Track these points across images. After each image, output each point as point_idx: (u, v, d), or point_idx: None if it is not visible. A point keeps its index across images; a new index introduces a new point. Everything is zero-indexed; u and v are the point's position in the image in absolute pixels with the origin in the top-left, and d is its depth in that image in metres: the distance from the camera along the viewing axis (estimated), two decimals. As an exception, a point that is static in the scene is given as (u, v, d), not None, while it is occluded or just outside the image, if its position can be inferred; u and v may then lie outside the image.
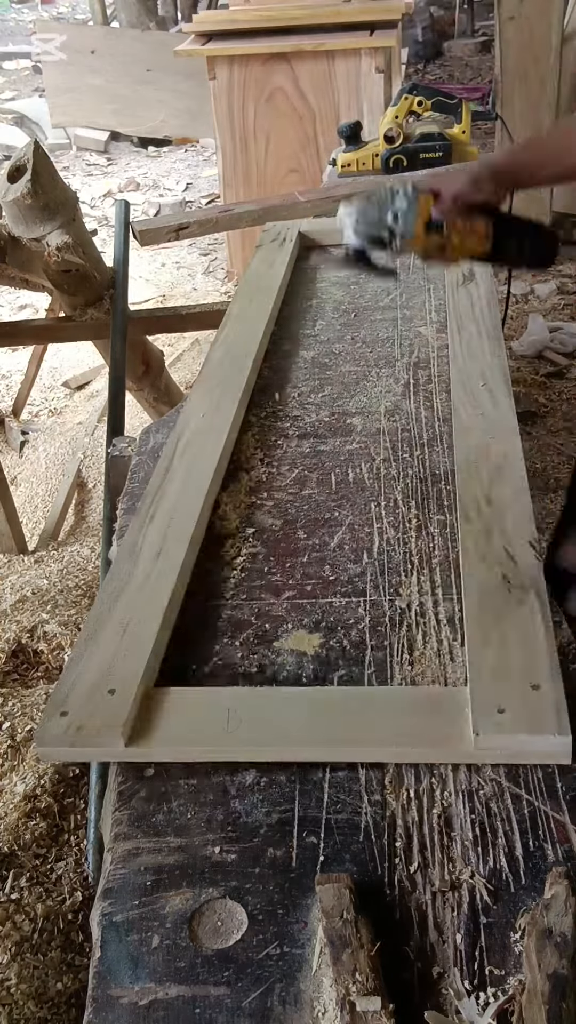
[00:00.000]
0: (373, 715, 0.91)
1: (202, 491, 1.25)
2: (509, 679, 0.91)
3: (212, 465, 1.30)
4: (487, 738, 0.86)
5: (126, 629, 1.02)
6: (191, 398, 1.50)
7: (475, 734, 0.86)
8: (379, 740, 0.88)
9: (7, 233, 2.30)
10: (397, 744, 0.88)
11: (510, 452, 1.26)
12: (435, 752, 0.88)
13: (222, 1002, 0.72)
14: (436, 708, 0.91)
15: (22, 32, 10.95)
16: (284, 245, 2.03)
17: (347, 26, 3.75)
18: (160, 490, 1.25)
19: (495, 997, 0.71)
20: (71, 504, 3.12)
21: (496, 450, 1.27)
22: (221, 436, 1.37)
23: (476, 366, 1.48)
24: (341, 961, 0.70)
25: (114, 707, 0.92)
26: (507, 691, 0.89)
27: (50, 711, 0.93)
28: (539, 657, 0.93)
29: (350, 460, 1.36)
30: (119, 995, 0.73)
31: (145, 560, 1.12)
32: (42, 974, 1.34)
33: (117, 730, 0.89)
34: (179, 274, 4.84)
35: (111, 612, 1.05)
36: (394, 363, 1.60)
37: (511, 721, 0.86)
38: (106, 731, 0.90)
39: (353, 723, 0.90)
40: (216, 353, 1.64)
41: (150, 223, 2.28)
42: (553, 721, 0.86)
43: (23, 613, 2.28)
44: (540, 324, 3.56)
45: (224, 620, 1.09)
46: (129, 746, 0.90)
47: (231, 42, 3.76)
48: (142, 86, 6.59)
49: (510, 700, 0.88)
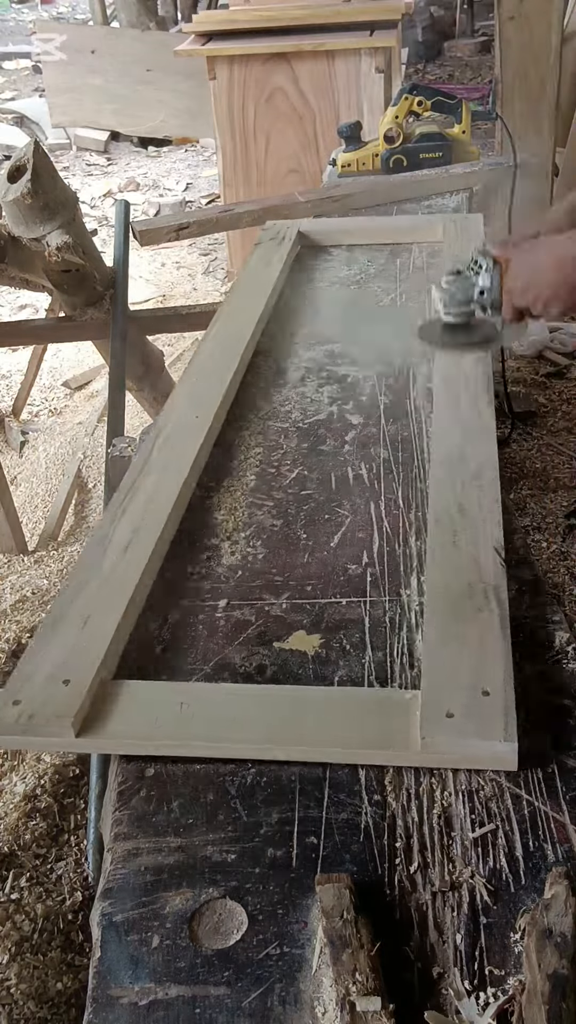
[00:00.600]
0: (322, 715, 0.91)
1: (177, 485, 1.25)
2: (461, 684, 0.91)
3: (190, 460, 1.30)
4: (433, 741, 0.86)
5: (87, 621, 1.02)
6: (174, 394, 1.50)
7: (422, 737, 0.87)
8: (327, 740, 0.89)
9: (7, 233, 2.30)
10: (344, 745, 0.88)
11: (486, 459, 1.26)
12: (381, 754, 0.88)
13: (222, 1002, 0.72)
14: (386, 710, 0.91)
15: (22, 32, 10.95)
16: (283, 244, 2.03)
17: (347, 26, 3.75)
18: (135, 484, 1.26)
19: (495, 997, 0.71)
20: (71, 504, 3.12)
21: (472, 456, 1.27)
22: (202, 432, 1.37)
23: (459, 371, 1.48)
24: (341, 961, 0.70)
25: (67, 697, 0.92)
26: (457, 695, 0.90)
27: (4, 699, 0.93)
28: (493, 663, 0.93)
29: (350, 460, 1.36)
30: (119, 995, 0.73)
31: (113, 553, 1.13)
32: (42, 974, 1.34)
33: (68, 720, 0.90)
34: (179, 274, 4.84)
35: (73, 603, 1.06)
36: (394, 363, 1.60)
37: (458, 725, 0.87)
38: (57, 721, 0.90)
39: (303, 722, 0.91)
40: (204, 349, 1.64)
41: (150, 223, 2.28)
42: (500, 727, 0.86)
43: (23, 613, 2.28)
44: (540, 324, 3.55)
45: (224, 620, 1.09)
46: (80, 737, 0.90)
47: (231, 42, 3.76)
48: (142, 86, 6.59)
49: (459, 704, 0.89)
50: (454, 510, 1.17)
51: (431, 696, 0.90)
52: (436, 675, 0.93)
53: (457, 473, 1.24)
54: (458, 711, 0.88)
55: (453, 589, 1.04)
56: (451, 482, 1.22)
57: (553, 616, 1.06)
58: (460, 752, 0.87)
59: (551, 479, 2.88)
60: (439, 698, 0.90)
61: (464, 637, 0.97)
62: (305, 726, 0.90)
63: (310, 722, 0.91)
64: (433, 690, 0.91)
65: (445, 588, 1.04)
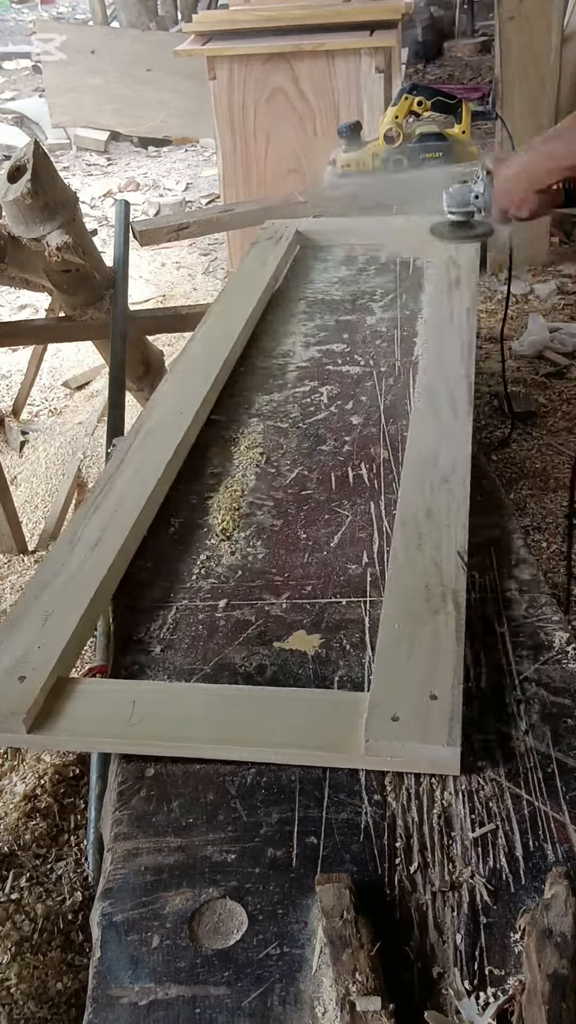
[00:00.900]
0: (271, 716, 0.92)
1: (151, 483, 1.25)
2: (409, 687, 0.91)
3: (166, 458, 1.30)
4: (377, 744, 0.86)
5: (48, 618, 1.03)
6: (157, 393, 1.50)
7: (366, 740, 0.87)
8: (273, 741, 0.89)
9: (7, 233, 2.30)
10: (289, 746, 0.89)
11: (458, 462, 1.26)
12: (325, 756, 0.88)
13: (222, 1002, 0.72)
14: (334, 711, 0.91)
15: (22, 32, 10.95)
16: (280, 243, 2.03)
17: (347, 26, 3.75)
18: (110, 481, 1.26)
19: (495, 997, 0.71)
20: (71, 504, 3.12)
21: (444, 460, 1.26)
22: (180, 430, 1.37)
23: (442, 374, 1.48)
24: (341, 961, 0.70)
25: (21, 694, 0.94)
26: (405, 699, 0.90)
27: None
28: (443, 668, 0.93)
29: (350, 460, 1.36)
30: (119, 995, 0.73)
31: (81, 550, 1.13)
32: (42, 974, 1.34)
33: (20, 716, 0.91)
34: (179, 274, 4.84)
35: (37, 600, 1.06)
36: (393, 362, 1.60)
37: (403, 729, 0.87)
38: (10, 717, 0.92)
39: (250, 722, 0.91)
40: (191, 348, 1.63)
41: (150, 223, 2.28)
42: (444, 732, 0.86)
43: (23, 613, 2.28)
44: (540, 324, 3.55)
45: (224, 620, 1.08)
46: (32, 733, 0.92)
47: (231, 42, 3.76)
48: (142, 86, 6.59)
49: (406, 708, 0.89)
50: (421, 514, 1.16)
51: (379, 698, 0.90)
52: (386, 677, 0.93)
53: (427, 476, 1.23)
54: (404, 714, 0.88)
55: (411, 591, 1.04)
56: (420, 485, 1.22)
57: (553, 616, 1.06)
58: (404, 755, 0.86)
59: (551, 479, 2.88)
60: (386, 701, 0.90)
61: (418, 640, 0.97)
62: (253, 726, 0.91)
63: (258, 722, 0.91)
64: (381, 692, 0.91)
65: (403, 590, 1.04)
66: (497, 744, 0.90)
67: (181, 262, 4.96)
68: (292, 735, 0.89)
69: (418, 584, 1.04)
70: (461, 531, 1.13)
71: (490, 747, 0.90)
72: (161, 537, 1.23)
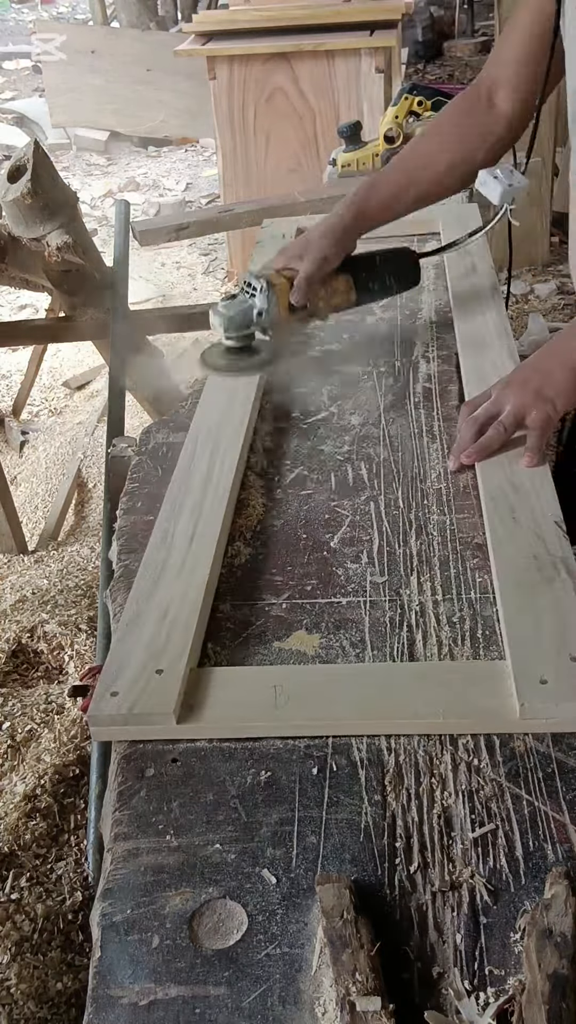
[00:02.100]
0: (415, 689, 0.94)
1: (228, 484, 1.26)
2: (547, 651, 0.94)
3: (235, 458, 1.31)
4: (533, 707, 0.89)
5: (167, 613, 1.04)
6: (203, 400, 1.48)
7: (520, 704, 0.89)
8: (425, 713, 0.91)
9: (7, 233, 2.30)
10: (445, 715, 0.91)
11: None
12: (482, 722, 0.91)
13: (222, 1002, 0.72)
14: (477, 681, 0.94)
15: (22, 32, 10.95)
16: (284, 241, 2.02)
17: (347, 26, 3.75)
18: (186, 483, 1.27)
19: (495, 997, 0.71)
20: (71, 504, 3.12)
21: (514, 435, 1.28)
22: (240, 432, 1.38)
23: (487, 357, 1.50)
24: (341, 961, 0.70)
25: (163, 686, 0.94)
26: (547, 662, 0.92)
27: (100, 692, 0.95)
28: (574, 630, 0.96)
29: (350, 460, 1.36)
30: (119, 995, 0.73)
31: (178, 548, 1.15)
32: (42, 974, 1.34)
33: (169, 708, 0.92)
34: (179, 274, 4.84)
35: (151, 596, 1.07)
36: (393, 362, 1.60)
37: (554, 691, 0.90)
38: (158, 709, 0.92)
39: (401, 696, 0.93)
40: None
41: (150, 223, 2.28)
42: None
43: (23, 613, 2.28)
44: (540, 324, 3.56)
45: (224, 620, 1.09)
46: (181, 723, 0.92)
47: (231, 42, 3.76)
48: (142, 86, 6.59)
49: (550, 671, 0.91)
50: (508, 487, 1.19)
51: (521, 665, 0.93)
52: (522, 644, 0.95)
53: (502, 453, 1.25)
54: (551, 677, 0.90)
55: (519, 563, 1.07)
56: (498, 461, 1.24)
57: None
58: (559, 716, 0.89)
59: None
60: (530, 666, 0.92)
61: (540, 608, 1.00)
62: (405, 700, 0.92)
63: (410, 695, 0.93)
64: (523, 658, 0.93)
65: (511, 563, 1.07)
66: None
67: (181, 262, 4.96)
68: (448, 705, 0.91)
69: (525, 556, 1.07)
70: (552, 500, 1.16)
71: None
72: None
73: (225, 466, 1.31)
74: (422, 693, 0.93)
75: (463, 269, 1.81)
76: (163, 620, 1.03)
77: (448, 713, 0.91)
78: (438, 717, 0.90)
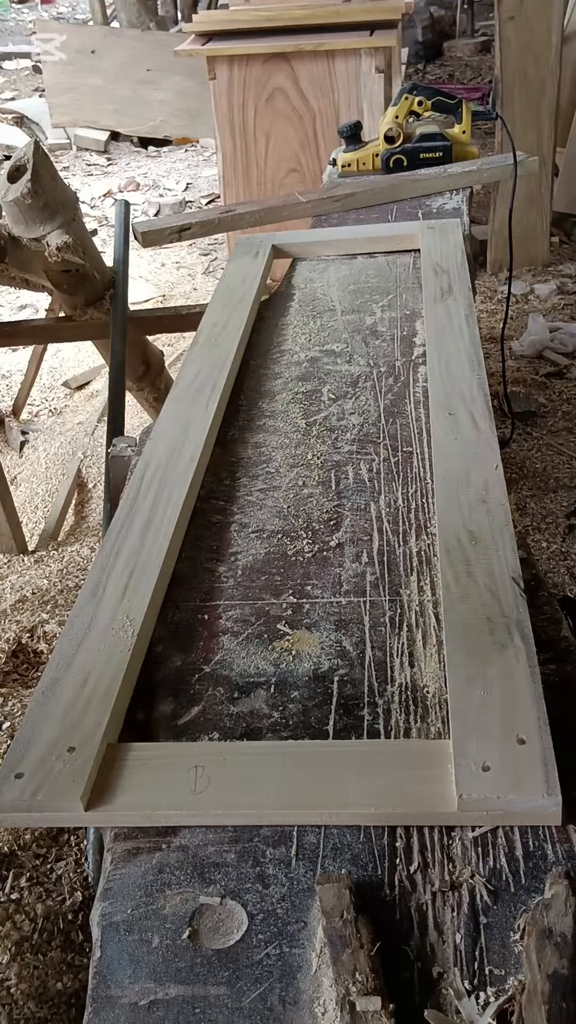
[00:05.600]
0: (349, 774, 0.85)
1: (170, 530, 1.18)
2: (494, 732, 0.85)
3: (181, 498, 1.24)
4: (471, 799, 0.80)
5: (86, 680, 0.95)
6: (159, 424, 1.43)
7: (458, 795, 0.81)
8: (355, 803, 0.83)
9: (7, 233, 2.30)
10: (376, 807, 0.82)
11: (492, 481, 1.20)
12: (416, 815, 0.82)
13: (222, 1002, 0.72)
14: (415, 765, 0.85)
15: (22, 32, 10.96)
16: (257, 258, 1.98)
17: (347, 26, 3.75)
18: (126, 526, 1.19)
19: (495, 997, 0.71)
20: (71, 504, 3.12)
21: (477, 479, 1.21)
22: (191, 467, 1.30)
23: (455, 387, 1.42)
24: (341, 961, 0.70)
25: (73, 767, 0.86)
26: (492, 744, 0.84)
27: (4, 773, 0.86)
28: (524, 707, 0.87)
29: (350, 460, 1.36)
30: (119, 995, 0.73)
31: (108, 603, 1.06)
32: (42, 974, 1.34)
33: (76, 794, 0.83)
34: (179, 274, 4.85)
35: (72, 662, 0.98)
36: (394, 362, 1.60)
37: (496, 780, 0.81)
38: (64, 795, 0.84)
39: (328, 781, 0.84)
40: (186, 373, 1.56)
41: (152, 224, 2.28)
42: (541, 780, 0.80)
43: (23, 613, 2.29)
44: (540, 324, 3.56)
45: (224, 620, 1.09)
46: (90, 811, 0.84)
47: (231, 42, 3.76)
48: (142, 86, 6.60)
49: (494, 755, 0.83)
50: (465, 539, 1.10)
51: (463, 747, 0.83)
52: (466, 722, 0.86)
53: (462, 496, 1.17)
54: (494, 763, 0.82)
55: (471, 625, 0.97)
56: (457, 507, 1.16)
57: (554, 615, 1.06)
58: (500, 808, 0.80)
59: (551, 479, 2.89)
60: (472, 750, 0.83)
61: (490, 679, 0.90)
62: (332, 786, 0.84)
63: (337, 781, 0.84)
64: (464, 739, 0.84)
65: (462, 625, 0.97)
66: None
67: (181, 262, 4.96)
68: (381, 794, 0.83)
69: (478, 617, 0.98)
70: (511, 555, 1.07)
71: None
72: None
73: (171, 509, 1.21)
74: (356, 779, 0.84)
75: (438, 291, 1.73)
76: (82, 688, 0.94)
77: (381, 804, 0.82)
78: (370, 808, 0.82)
